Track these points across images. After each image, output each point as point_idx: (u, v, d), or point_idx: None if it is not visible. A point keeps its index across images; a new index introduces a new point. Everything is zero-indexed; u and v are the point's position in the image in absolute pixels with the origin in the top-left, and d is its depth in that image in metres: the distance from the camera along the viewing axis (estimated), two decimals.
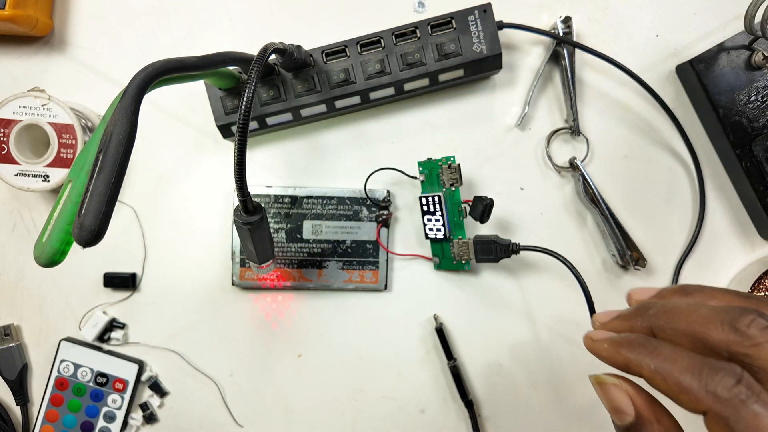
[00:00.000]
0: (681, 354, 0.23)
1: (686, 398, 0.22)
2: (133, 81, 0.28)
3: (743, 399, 0.20)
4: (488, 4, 0.45)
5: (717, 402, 0.21)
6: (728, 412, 0.21)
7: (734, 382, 0.21)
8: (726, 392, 0.21)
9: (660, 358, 0.24)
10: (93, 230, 0.24)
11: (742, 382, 0.21)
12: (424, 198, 0.48)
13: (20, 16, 0.47)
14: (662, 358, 0.23)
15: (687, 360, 0.23)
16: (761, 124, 0.47)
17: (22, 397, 0.52)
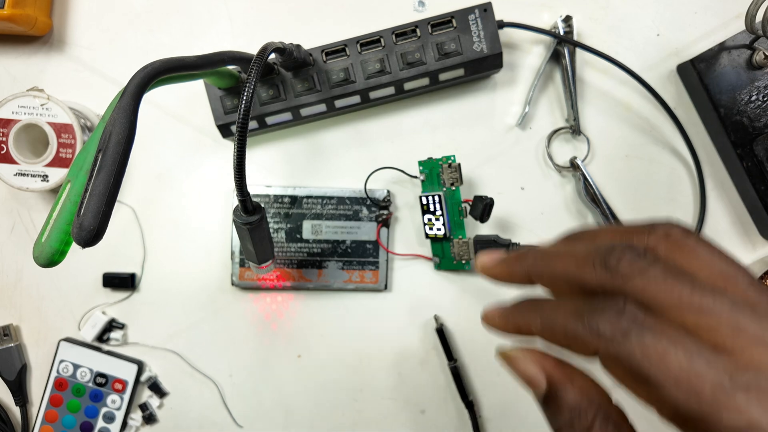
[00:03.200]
0: (562, 303, 0.23)
1: (576, 345, 0.22)
2: (133, 80, 0.28)
3: (627, 332, 0.20)
4: (489, 3, 0.45)
5: (604, 341, 0.20)
6: (616, 349, 0.20)
7: (616, 318, 0.20)
8: (609, 329, 0.20)
9: (544, 311, 0.23)
10: (92, 230, 0.24)
11: (624, 315, 0.20)
12: (425, 197, 0.48)
13: (19, 16, 0.47)
14: (546, 311, 0.23)
15: (569, 306, 0.22)
16: (762, 124, 0.47)
17: (21, 397, 0.52)
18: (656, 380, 0.19)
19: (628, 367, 0.20)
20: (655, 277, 0.21)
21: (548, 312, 0.23)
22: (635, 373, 0.20)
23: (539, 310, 0.24)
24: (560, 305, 0.23)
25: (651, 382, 0.19)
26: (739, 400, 0.18)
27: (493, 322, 0.26)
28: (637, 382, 0.20)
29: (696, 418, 0.18)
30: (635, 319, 0.20)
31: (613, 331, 0.20)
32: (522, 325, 0.25)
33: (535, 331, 0.24)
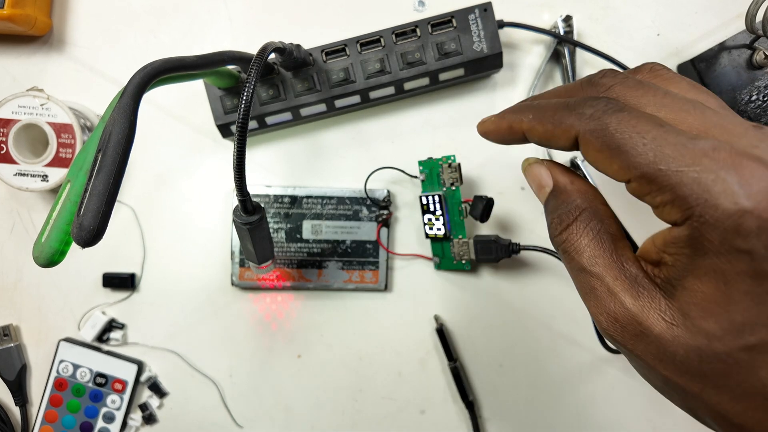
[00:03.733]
0: (554, 100, 0.26)
1: (561, 131, 0.24)
2: (132, 80, 0.28)
3: (606, 109, 0.22)
4: (489, 3, 0.45)
5: (585, 119, 0.23)
6: (594, 124, 0.22)
7: (597, 101, 0.23)
8: (591, 110, 0.23)
9: (536, 108, 0.26)
10: (92, 230, 0.24)
11: (604, 99, 0.23)
12: (425, 197, 0.48)
13: (19, 16, 0.46)
14: (538, 107, 0.26)
15: (560, 102, 0.25)
16: (763, 123, 0.47)
17: (21, 397, 0.52)
18: (625, 147, 0.21)
19: (602, 139, 0.22)
20: (633, 83, 0.23)
21: (541, 105, 0.26)
22: (608, 143, 0.22)
23: (532, 106, 0.26)
24: (551, 102, 0.26)
25: (621, 149, 0.21)
26: (696, 155, 0.20)
27: (487, 125, 0.29)
28: (609, 154, 0.22)
29: (657, 177, 0.21)
30: (614, 102, 0.23)
31: (594, 110, 0.23)
32: (514, 122, 0.27)
33: (525, 126, 0.26)
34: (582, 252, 0.25)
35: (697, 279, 0.21)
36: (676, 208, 0.21)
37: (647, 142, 0.21)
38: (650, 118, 0.21)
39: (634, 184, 0.22)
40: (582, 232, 0.25)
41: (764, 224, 0.18)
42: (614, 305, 0.23)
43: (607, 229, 0.25)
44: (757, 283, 0.19)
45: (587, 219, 0.25)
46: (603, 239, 0.24)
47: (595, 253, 0.24)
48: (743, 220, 0.19)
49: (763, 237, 0.18)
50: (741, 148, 0.20)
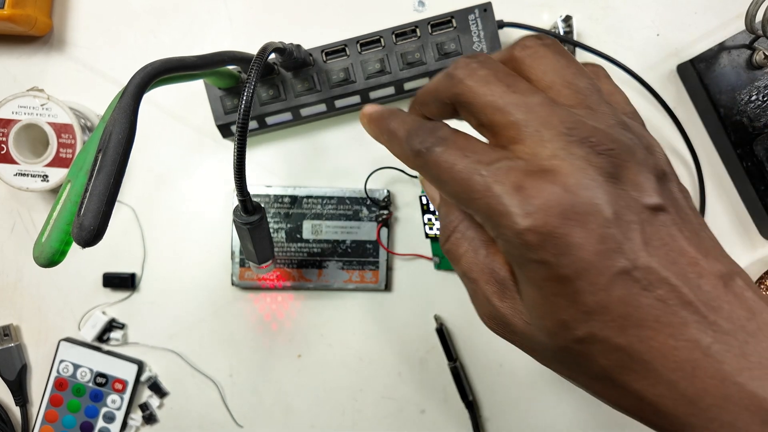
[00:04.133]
0: (409, 119, 0.27)
1: (404, 159, 0.26)
2: (133, 80, 0.28)
3: (430, 146, 0.24)
4: (489, 3, 0.45)
5: (414, 157, 0.25)
6: (420, 162, 0.24)
7: (426, 135, 0.24)
8: (418, 144, 0.24)
9: (394, 122, 0.28)
10: (92, 230, 0.24)
11: (433, 132, 0.24)
12: (425, 197, 0.48)
13: (19, 16, 0.46)
14: (396, 122, 0.27)
15: (409, 124, 0.26)
16: (762, 124, 0.47)
17: (21, 397, 0.52)
18: (443, 181, 0.23)
19: (428, 175, 0.24)
20: (481, 78, 0.24)
21: (397, 123, 0.27)
22: (432, 177, 0.24)
23: (392, 119, 0.28)
24: (407, 120, 0.27)
25: (441, 184, 0.23)
26: (490, 183, 0.22)
27: (364, 123, 0.31)
28: (436, 185, 0.24)
29: (469, 205, 0.23)
30: (441, 135, 0.24)
31: (420, 147, 0.24)
32: (378, 133, 0.30)
33: (384, 142, 0.29)
34: (461, 259, 0.26)
35: (524, 284, 0.23)
36: (487, 228, 0.23)
37: (455, 176, 0.23)
38: (461, 149, 0.23)
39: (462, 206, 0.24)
40: (460, 241, 0.27)
41: (545, 237, 0.20)
42: (489, 307, 0.25)
43: (480, 237, 0.26)
44: (562, 285, 0.21)
45: (464, 228, 0.27)
46: (477, 246, 0.26)
47: (470, 259, 0.26)
48: (526, 237, 0.21)
49: (548, 248, 0.20)
50: (536, 163, 0.21)
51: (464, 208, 0.25)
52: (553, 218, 0.20)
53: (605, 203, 0.20)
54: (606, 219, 0.20)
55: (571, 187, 0.21)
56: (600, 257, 0.20)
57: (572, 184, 0.21)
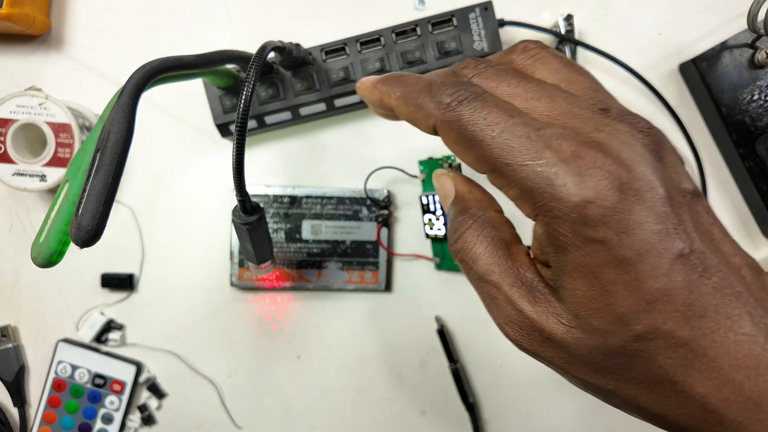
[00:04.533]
0: (422, 79, 0.25)
1: (421, 116, 0.24)
2: (131, 79, 0.28)
3: (461, 100, 0.22)
4: (489, 2, 0.45)
5: (441, 108, 0.23)
6: (450, 116, 0.22)
7: (455, 89, 0.22)
8: (448, 97, 0.22)
9: (406, 84, 0.25)
10: (90, 230, 0.24)
11: (463, 87, 0.22)
12: (425, 197, 0.48)
13: (17, 15, 0.46)
14: (407, 83, 0.25)
15: (425, 82, 0.24)
16: (764, 123, 0.47)
17: (19, 398, 0.52)
18: (478, 141, 0.21)
19: (456, 131, 0.22)
20: (491, 74, 0.23)
21: (408, 84, 0.25)
22: (462, 135, 0.22)
23: (402, 83, 0.26)
24: (419, 80, 0.25)
25: (473, 142, 0.21)
26: (539, 148, 0.20)
27: (362, 90, 0.29)
28: (464, 147, 0.22)
29: (505, 172, 0.21)
30: (473, 89, 0.22)
31: (451, 99, 0.22)
32: (385, 95, 0.27)
33: (393, 103, 0.26)
34: (477, 260, 0.24)
35: (570, 277, 0.21)
36: (526, 203, 0.21)
37: (495, 136, 0.21)
38: (503, 108, 0.21)
39: (489, 177, 0.22)
40: (476, 239, 0.25)
41: (608, 212, 0.19)
42: (515, 313, 0.23)
43: (501, 235, 0.25)
44: (623, 271, 0.19)
45: (480, 226, 0.25)
46: (497, 246, 0.24)
47: (490, 260, 0.24)
48: (587, 211, 0.19)
49: (611, 224, 0.19)
50: (585, 135, 0.20)
51: (496, 179, 0.22)
52: (614, 192, 0.19)
53: (658, 180, 0.19)
54: (661, 197, 0.19)
55: (625, 161, 0.19)
56: (659, 238, 0.19)
57: (626, 158, 0.19)
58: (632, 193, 0.19)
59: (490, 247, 0.24)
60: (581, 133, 0.20)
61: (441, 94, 0.23)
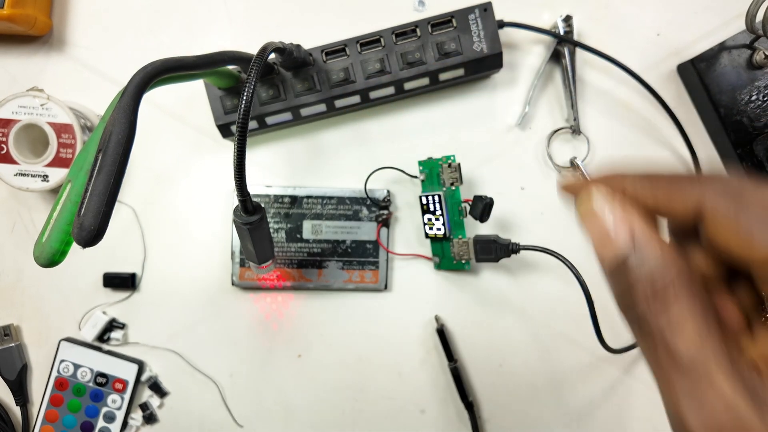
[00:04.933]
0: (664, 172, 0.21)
1: (678, 197, 0.20)
2: (133, 80, 0.28)
3: (741, 182, 0.19)
4: (489, 3, 0.45)
5: (715, 189, 0.20)
6: (729, 196, 0.19)
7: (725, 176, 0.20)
8: (720, 182, 0.20)
9: (642, 172, 0.22)
10: (92, 230, 0.24)
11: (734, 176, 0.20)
12: (425, 197, 0.48)
13: (19, 16, 0.47)
14: (644, 171, 0.22)
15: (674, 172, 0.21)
16: (762, 124, 0.47)
17: (21, 397, 0.52)
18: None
19: (737, 213, 0.19)
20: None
21: (647, 172, 0.22)
22: (745, 217, 0.19)
23: (635, 170, 0.22)
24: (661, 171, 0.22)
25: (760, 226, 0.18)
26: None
27: (569, 180, 0.24)
28: (745, 231, 0.19)
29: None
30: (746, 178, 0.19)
31: (726, 183, 0.20)
32: (614, 180, 0.22)
33: (629, 185, 0.22)
34: (683, 331, 0.18)
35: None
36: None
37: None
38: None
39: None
40: (684, 305, 0.19)
41: None
42: (723, 410, 0.17)
43: (712, 308, 0.19)
44: None
45: (689, 291, 0.19)
46: (710, 320, 0.19)
47: (702, 334, 0.18)
48: None
49: None
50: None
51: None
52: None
53: None
54: None
55: None
56: None
57: None
58: None
59: (702, 318, 0.19)
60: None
61: (708, 177, 0.20)
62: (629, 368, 0.51)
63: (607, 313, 0.49)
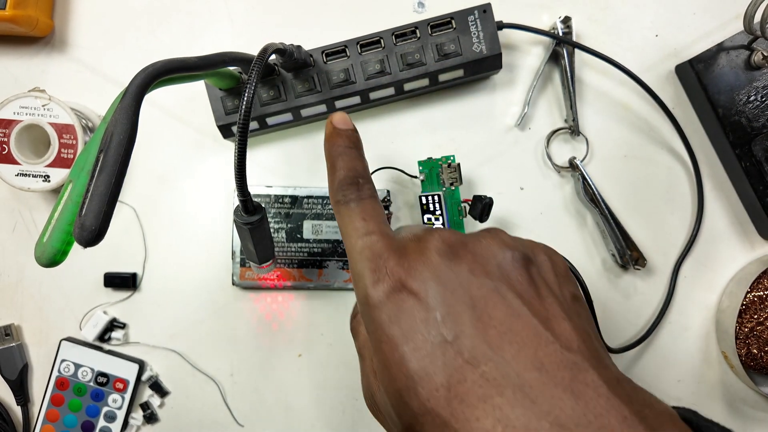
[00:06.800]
0: (350, 164, 0.33)
1: (330, 195, 0.33)
2: (134, 81, 0.28)
3: (346, 201, 0.31)
4: (488, 4, 0.46)
5: (335, 202, 0.32)
6: (335, 209, 0.31)
7: (351, 191, 0.31)
8: (341, 196, 0.31)
9: (340, 161, 0.33)
10: (94, 230, 0.24)
11: (359, 191, 0.31)
12: (424, 197, 0.48)
13: (21, 17, 0.47)
14: (341, 162, 0.33)
15: (346, 171, 0.32)
16: (760, 124, 0.47)
17: (22, 396, 0.52)
18: (341, 233, 0.31)
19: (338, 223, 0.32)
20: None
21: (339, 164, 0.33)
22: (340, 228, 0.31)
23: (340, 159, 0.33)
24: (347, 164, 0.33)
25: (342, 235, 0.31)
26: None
27: (329, 128, 0.34)
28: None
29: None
30: (361, 195, 0.31)
31: (341, 198, 0.32)
32: (327, 155, 0.34)
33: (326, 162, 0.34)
34: (358, 337, 0.31)
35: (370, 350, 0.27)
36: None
37: (347, 232, 0.30)
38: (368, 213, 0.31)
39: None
40: (359, 321, 0.31)
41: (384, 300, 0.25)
42: (366, 381, 0.29)
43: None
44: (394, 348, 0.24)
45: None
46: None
47: (363, 338, 0.30)
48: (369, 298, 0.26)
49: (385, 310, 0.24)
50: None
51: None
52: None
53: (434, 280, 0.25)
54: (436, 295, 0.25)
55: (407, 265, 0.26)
56: (424, 326, 0.23)
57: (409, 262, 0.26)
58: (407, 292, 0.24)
59: (364, 328, 0.29)
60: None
61: (338, 193, 0.31)
62: (629, 368, 0.51)
63: (606, 313, 0.50)
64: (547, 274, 0.27)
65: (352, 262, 0.27)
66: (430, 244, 0.26)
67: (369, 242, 0.27)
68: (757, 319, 0.48)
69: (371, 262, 0.26)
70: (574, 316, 0.24)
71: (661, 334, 0.51)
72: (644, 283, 0.50)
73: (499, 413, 0.20)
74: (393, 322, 0.23)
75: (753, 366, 0.48)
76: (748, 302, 0.48)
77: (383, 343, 0.23)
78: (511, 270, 0.25)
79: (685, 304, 0.51)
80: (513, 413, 0.20)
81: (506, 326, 0.22)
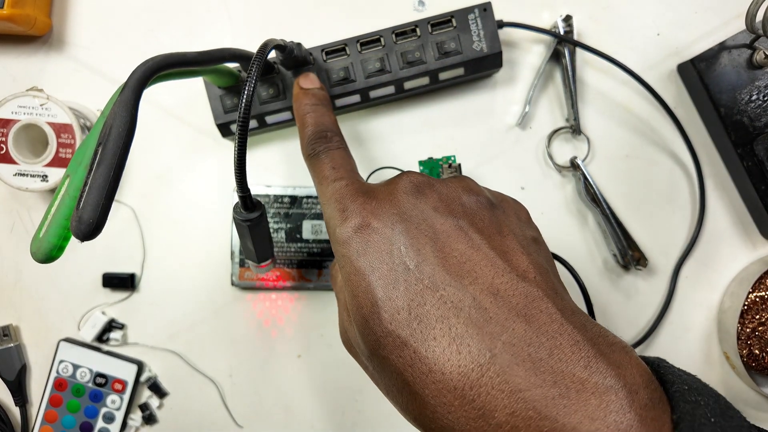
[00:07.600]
0: (318, 119, 0.37)
1: (302, 150, 0.36)
2: (134, 74, 0.28)
3: (316, 153, 0.34)
4: (488, 3, 0.45)
5: (306, 156, 0.35)
6: (307, 162, 0.35)
7: (321, 143, 0.35)
8: (311, 149, 0.35)
9: (310, 118, 0.37)
10: (91, 223, 0.24)
11: (328, 143, 0.35)
12: None
13: (18, 15, 0.47)
14: (311, 118, 0.37)
15: (316, 126, 0.36)
16: (763, 123, 0.47)
17: (20, 397, 0.52)
18: (314, 181, 0.34)
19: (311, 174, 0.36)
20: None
21: (309, 120, 0.37)
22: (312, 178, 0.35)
23: (310, 116, 0.37)
24: (317, 120, 0.37)
25: (314, 183, 0.34)
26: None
27: (296, 89, 0.40)
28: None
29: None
30: (330, 146, 0.35)
31: (311, 152, 0.35)
32: (296, 114, 0.39)
33: (296, 120, 0.39)
34: (335, 282, 0.34)
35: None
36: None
37: (319, 179, 0.34)
38: (337, 162, 0.34)
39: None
40: (335, 268, 0.33)
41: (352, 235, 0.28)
42: (341, 321, 0.30)
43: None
44: (361, 279, 0.26)
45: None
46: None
47: (339, 283, 0.31)
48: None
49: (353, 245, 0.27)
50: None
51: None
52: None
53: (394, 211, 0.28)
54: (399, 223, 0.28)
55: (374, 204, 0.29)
56: (387, 256, 0.26)
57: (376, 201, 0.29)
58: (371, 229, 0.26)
59: (339, 273, 0.30)
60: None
61: (309, 146, 0.35)
62: None
63: (608, 313, 0.49)
64: (510, 218, 0.29)
65: (323, 208, 0.30)
66: (399, 185, 0.28)
67: (338, 187, 0.29)
68: (759, 319, 0.47)
69: (339, 203, 0.28)
70: (533, 252, 0.27)
71: (663, 334, 0.50)
72: (645, 284, 0.50)
73: (454, 332, 0.22)
74: (360, 255, 0.25)
75: (755, 367, 0.48)
76: (750, 302, 0.47)
77: (351, 274, 0.25)
78: (475, 210, 0.27)
79: (687, 305, 0.50)
80: (467, 332, 0.22)
81: (465, 257, 0.24)
